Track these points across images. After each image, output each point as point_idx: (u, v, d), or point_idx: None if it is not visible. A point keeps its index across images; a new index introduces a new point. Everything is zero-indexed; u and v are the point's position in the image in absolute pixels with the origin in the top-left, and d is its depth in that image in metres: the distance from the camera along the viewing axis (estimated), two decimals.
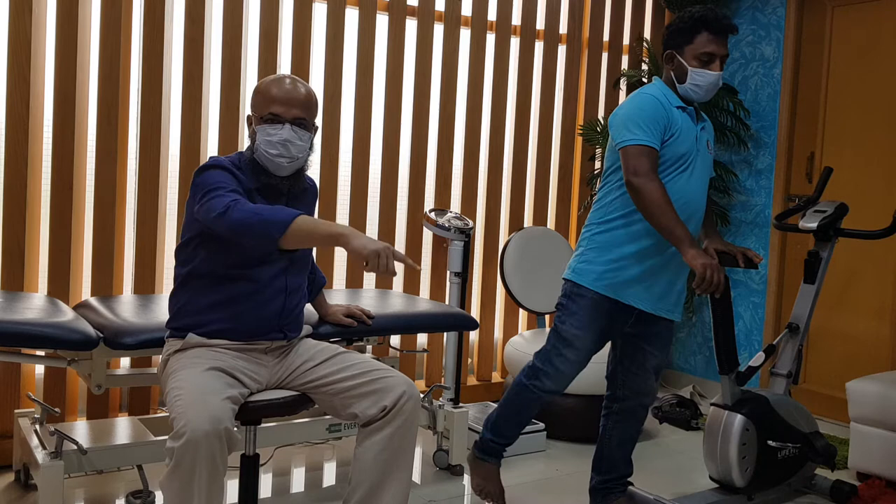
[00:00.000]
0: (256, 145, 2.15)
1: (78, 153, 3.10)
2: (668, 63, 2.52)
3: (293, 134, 2.13)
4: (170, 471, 1.79)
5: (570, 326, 2.52)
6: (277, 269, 2.19)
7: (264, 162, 2.15)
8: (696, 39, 2.44)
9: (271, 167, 2.15)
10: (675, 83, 2.51)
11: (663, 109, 2.43)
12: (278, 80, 2.16)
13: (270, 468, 3.10)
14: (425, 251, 3.98)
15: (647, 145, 2.36)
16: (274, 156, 2.13)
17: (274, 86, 2.15)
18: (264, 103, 2.14)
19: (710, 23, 2.43)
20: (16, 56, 2.94)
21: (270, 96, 2.13)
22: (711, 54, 2.44)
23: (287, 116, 2.13)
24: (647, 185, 2.31)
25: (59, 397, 3.10)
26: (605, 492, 2.73)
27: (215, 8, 3.38)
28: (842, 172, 4.01)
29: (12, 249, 2.97)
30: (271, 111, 2.12)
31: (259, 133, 2.14)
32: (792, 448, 2.84)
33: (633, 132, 2.38)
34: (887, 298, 3.83)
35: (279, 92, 2.13)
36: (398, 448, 2.09)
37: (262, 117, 2.14)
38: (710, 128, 2.64)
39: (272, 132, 2.12)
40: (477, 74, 4.03)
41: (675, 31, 2.49)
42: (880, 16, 3.88)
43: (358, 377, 2.13)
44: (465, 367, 4.11)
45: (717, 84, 2.47)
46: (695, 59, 2.45)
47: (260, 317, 2.16)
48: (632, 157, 2.36)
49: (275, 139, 2.12)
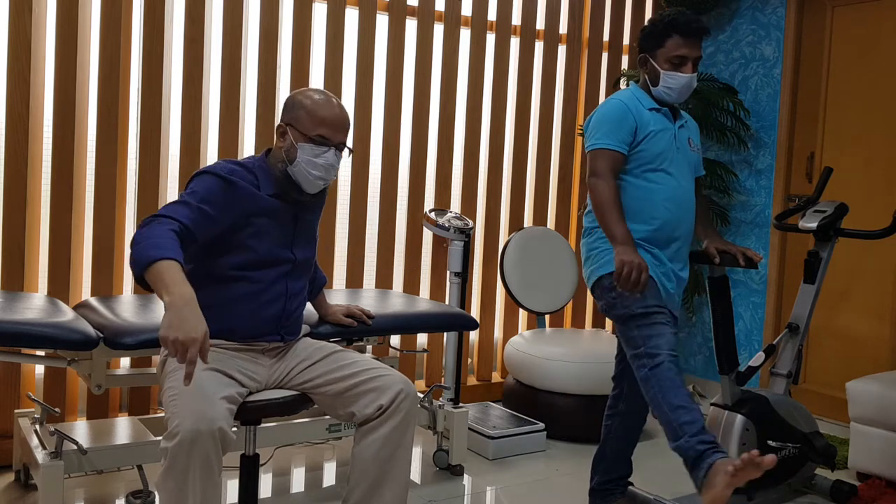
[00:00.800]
0: (297, 162, 2.15)
1: (78, 153, 3.11)
2: (642, 66, 2.56)
3: (336, 158, 2.17)
4: (164, 471, 1.79)
5: (635, 305, 2.43)
6: (279, 273, 2.19)
7: (299, 179, 2.16)
8: (668, 43, 2.47)
9: (306, 185, 2.17)
10: (649, 86, 2.55)
11: (630, 113, 2.48)
12: (327, 102, 2.17)
13: (270, 468, 3.10)
14: (425, 251, 3.99)
15: (607, 149, 2.45)
16: (316, 177, 2.16)
17: (324, 108, 2.15)
18: (313, 124, 2.15)
19: (681, 26, 2.45)
20: (16, 56, 2.94)
21: (320, 118, 2.14)
22: (683, 57, 2.47)
23: (334, 141, 2.16)
24: (599, 184, 2.43)
25: (59, 397, 3.10)
26: (605, 492, 2.73)
27: (215, 8, 3.38)
28: (842, 172, 4.01)
29: (12, 249, 2.97)
30: (321, 133, 2.14)
31: (302, 151, 2.14)
32: (792, 448, 2.84)
33: (597, 136, 2.47)
34: (887, 298, 3.83)
35: (330, 115, 2.15)
36: (396, 446, 2.09)
37: (309, 137, 2.14)
38: (693, 126, 2.68)
39: (318, 153, 2.14)
40: (477, 74, 4.04)
41: (646, 35, 2.53)
42: (880, 16, 3.88)
43: (355, 376, 2.14)
44: (465, 367, 4.11)
45: (690, 86, 2.50)
46: (666, 63, 2.48)
47: (259, 319, 2.17)
48: (592, 159, 2.48)
49: (320, 161, 2.14)
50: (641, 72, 2.57)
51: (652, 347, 2.40)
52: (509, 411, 3.67)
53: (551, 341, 3.77)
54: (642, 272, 2.32)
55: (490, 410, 3.66)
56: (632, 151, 2.48)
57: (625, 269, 2.32)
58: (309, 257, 2.30)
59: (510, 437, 3.36)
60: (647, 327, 2.43)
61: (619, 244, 2.36)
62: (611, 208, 2.40)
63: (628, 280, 2.32)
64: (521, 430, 3.41)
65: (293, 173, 2.17)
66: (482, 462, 3.29)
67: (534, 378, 3.63)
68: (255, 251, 2.14)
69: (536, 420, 3.54)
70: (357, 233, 3.74)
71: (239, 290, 2.14)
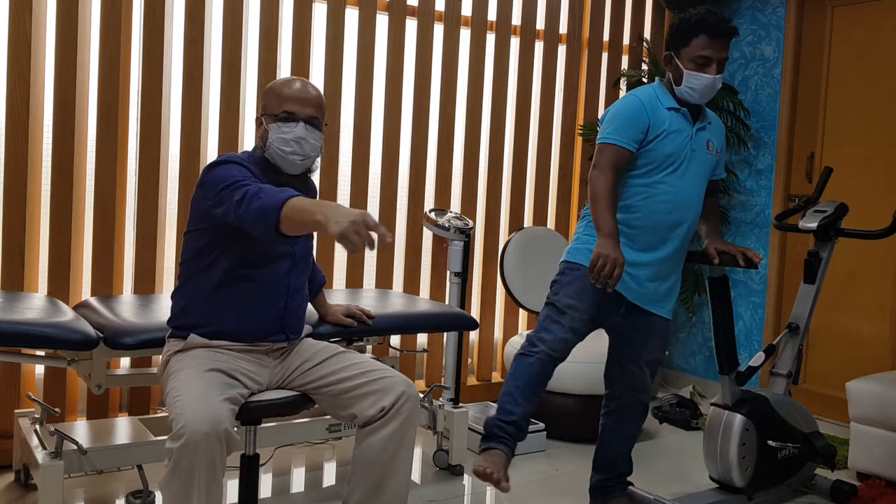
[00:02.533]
0: (269, 143, 2.17)
1: (78, 153, 3.10)
2: (667, 64, 2.54)
3: (307, 132, 2.16)
4: (169, 472, 1.79)
5: (564, 296, 2.50)
6: (281, 270, 2.19)
7: (277, 160, 2.18)
8: (693, 42, 2.44)
9: (284, 165, 2.18)
10: (672, 84, 2.53)
11: (644, 111, 2.47)
12: (290, 80, 2.21)
13: (270, 468, 3.10)
14: (425, 251, 3.98)
15: (613, 144, 2.46)
16: (288, 153, 2.16)
17: (287, 86, 2.19)
18: (278, 102, 2.18)
19: (709, 26, 2.42)
20: (16, 56, 2.94)
21: (284, 95, 2.17)
22: (707, 58, 2.44)
23: (301, 115, 2.17)
24: (597, 177, 2.45)
25: (59, 397, 3.10)
26: (605, 490, 2.74)
27: (215, 8, 3.38)
28: (842, 172, 4.01)
29: (12, 249, 2.97)
30: (286, 109, 2.16)
31: (272, 131, 2.17)
32: (792, 448, 2.84)
33: (607, 131, 2.48)
34: (887, 298, 3.83)
35: (293, 91, 2.18)
36: (397, 448, 2.09)
37: (276, 115, 2.17)
38: (717, 128, 2.64)
39: (287, 130, 2.15)
40: (477, 74, 4.03)
41: (674, 34, 2.50)
42: (880, 16, 3.88)
43: (357, 377, 2.13)
44: (465, 367, 4.11)
45: (713, 87, 2.47)
46: (690, 62, 2.45)
47: (263, 318, 2.17)
48: (598, 152, 2.50)
49: (289, 136, 2.15)
50: (667, 69, 2.54)
51: (538, 339, 2.49)
52: None
53: None
54: (616, 268, 2.33)
55: (490, 410, 3.66)
56: (642, 149, 2.47)
57: (599, 261, 2.34)
58: (307, 252, 2.31)
59: None
60: (551, 320, 2.50)
61: (603, 237, 2.38)
62: (603, 201, 2.42)
63: (601, 272, 2.34)
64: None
65: (270, 157, 2.18)
66: None
67: None
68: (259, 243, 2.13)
69: (536, 420, 3.54)
70: None
71: (243, 290, 2.14)
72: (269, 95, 2.21)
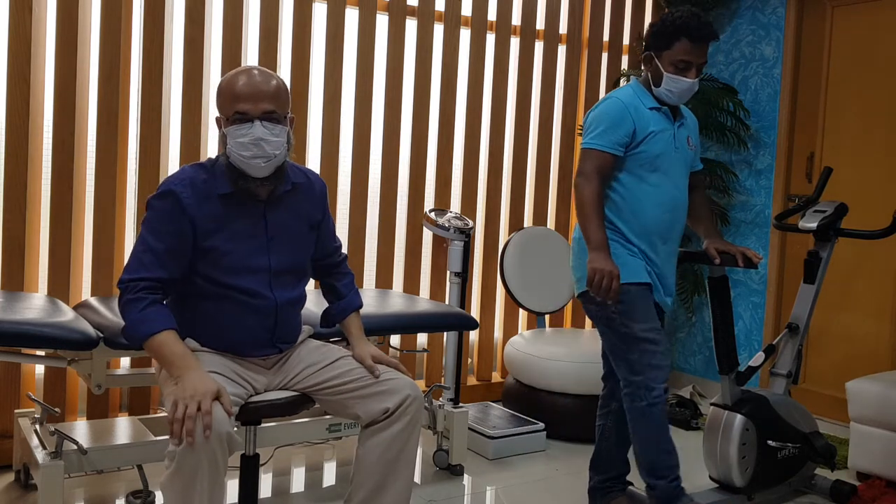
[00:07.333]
0: (229, 149, 1.98)
1: (78, 153, 3.10)
2: (646, 64, 2.53)
3: (265, 130, 1.95)
4: (171, 474, 1.78)
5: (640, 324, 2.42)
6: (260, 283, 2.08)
7: (241, 166, 1.98)
8: (675, 46, 2.44)
9: (248, 170, 1.99)
10: (650, 84, 2.52)
11: (629, 115, 2.45)
12: (240, 73, 1.98)
13: (270, 468, 3.10)
14: (425, 251, 3.99)
15: (598, 149, 2.44)
16: (248, 157, 1.96)
17: (236, 81, 1.97)
18: (229, 102, 1.97)
19: (691, 31, 2.41)
20: (16, 56, 2.94)
21: (234, 93, 1.96)
22: (688, 62, 2.44)
23: (255, 113, 1.95)
24: (584, 185, 2.44)
25: (59, 397, 3.10)
26: (604, 491, 2.74)
27: (215, 8, 3.38)
28: (842, 172, 4.01)
29: (12, 249, 2.97)
30: (237, 109, 1.95)
31: (229, 136, 1.97)
32: (792, 448, 2.84)
33: (591, 135, 2.47)
34: (887, 298, 3.83)
35: (243, 87, 1.95)
36: (401, 449, 2.08)
37: (228, 118, 1.97)
38: (692, 123, 2.66)
39: (243, 132, 1.95)
40: (477, 74, 4.03)
41: (655, 35, 2.48)
42: (880, 16, 3.88)
43: (362, 379, 2.12)
44: (465, 367, 4.11)
45: (691, 90, 2.48)
46: (671, 65, 2.45)
47: (250, 335, 2.10)
48: (582, 157, 2.49)
49: (246, 140, 1.95)
50: (645, 69, 2.54)
51: (652, 380, 2.41)
52: (509, 411, 3.67)
53: (551, 341, 3.77)
54: (613, 280, 2.33)
55: (490, 410, 3.67)
56: (630, 152, 2.47)
57: (596, 276, 2.34)
58: (291, 265, 2.15)
59: (510, 437, 3.36)
60: (650, 355, 2.42)
61: (593, 250, 2.37)
62: (591, 211, 2.41)
63: (599, 287, 2.33)
64: (521, 430, 3.41)
65: (234, 162, 1.99)
66: (482, 462, 3.29)
67: (534, 378, 3.63)
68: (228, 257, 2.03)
69: (536, 420, 3.54)
70: (357, 233, 3.74)
71: (225, 308, 2.06)
72: (219, 95, 1.99)
